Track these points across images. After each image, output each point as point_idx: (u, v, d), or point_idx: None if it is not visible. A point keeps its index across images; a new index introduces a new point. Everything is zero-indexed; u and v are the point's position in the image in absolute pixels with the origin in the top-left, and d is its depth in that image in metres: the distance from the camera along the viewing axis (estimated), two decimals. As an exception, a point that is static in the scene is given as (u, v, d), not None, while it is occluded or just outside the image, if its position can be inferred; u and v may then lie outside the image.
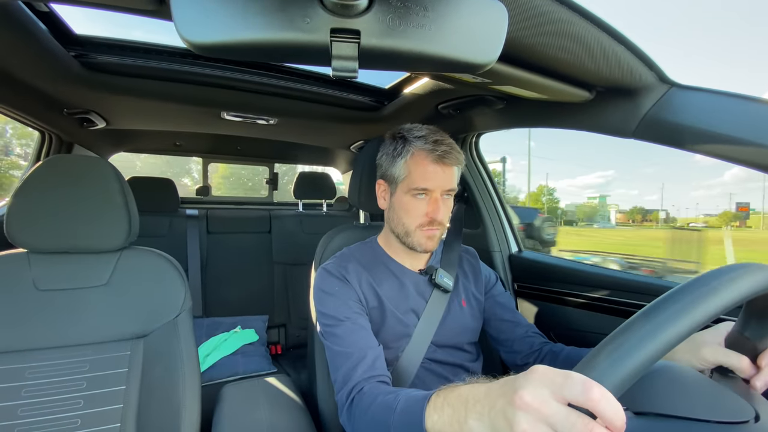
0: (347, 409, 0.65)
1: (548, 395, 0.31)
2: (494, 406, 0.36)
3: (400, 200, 0.78)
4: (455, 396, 0.44)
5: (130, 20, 0.56)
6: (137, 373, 0.75)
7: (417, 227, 0.77)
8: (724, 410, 0.37)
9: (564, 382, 0.31)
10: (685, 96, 0.67)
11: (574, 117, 0.83)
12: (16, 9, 0.67)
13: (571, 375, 0.31)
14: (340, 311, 0.74)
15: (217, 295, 1.76)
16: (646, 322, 0.33)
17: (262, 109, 1.25)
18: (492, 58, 0.38)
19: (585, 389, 0.29)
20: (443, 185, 0.76)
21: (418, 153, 0.75)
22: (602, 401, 0.29)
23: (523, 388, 0.32)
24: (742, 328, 0.47)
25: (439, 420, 0.45)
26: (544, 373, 0.33)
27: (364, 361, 0.68)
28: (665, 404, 0.37)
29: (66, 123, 1.25)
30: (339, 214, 2.16)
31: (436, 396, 0.48)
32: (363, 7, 0.34)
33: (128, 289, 0.79)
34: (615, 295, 0.97)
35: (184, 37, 0.32)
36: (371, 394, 0.62)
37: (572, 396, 0.30)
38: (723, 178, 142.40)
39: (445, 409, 0.44)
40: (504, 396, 0.35)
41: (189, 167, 15.05)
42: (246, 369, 1.47)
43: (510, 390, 0.34)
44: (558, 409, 0.30)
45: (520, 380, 0.34)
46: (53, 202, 0.73)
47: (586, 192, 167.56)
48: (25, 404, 0.68)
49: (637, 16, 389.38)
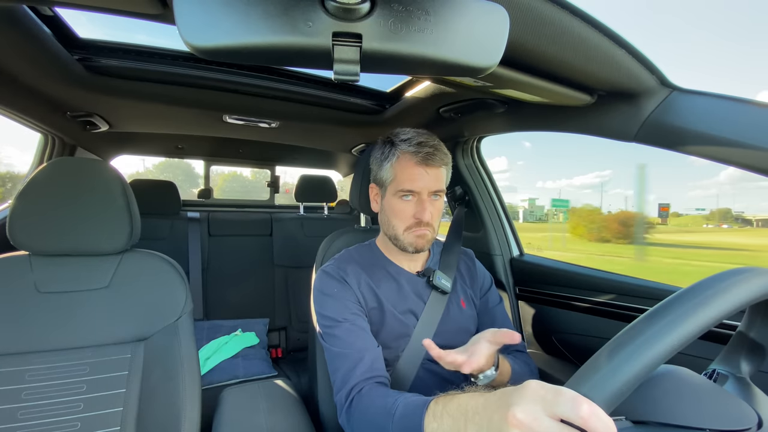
0: (346, 410, 0.66)
1: (540, 412, 0.32)
2: (491, 419, 0.37)
3: (389, 203, 0.80)
4: (455, 406, 0.44)
5: (134, 24, 0.56)
6: (137, 376, 0.75)
7: (405, 229, 0.78)
8: (726, 417, 0.37)
9: (555, 399, 0.31)
10: (686, 100, 0.67)
11: (576, 121, 0.83)
12: (21, 13, 0.68)
13: (562, 391, 0.31)
14: (339, 312, 0.75)
15: (218, 297, 1.75)
16: (635, 335, 0.33)
17: (264, 112, 1.25)
18: (493, 61, 0.39)
19: (575, 406, 0.30)
20: (429, 186, 0.76)
21: (403, 156, 0.76)
22: (592, 418, 0.29)
23: (516, 405, 0.33)
24: (747, 329, 0.46)
25: (438, 428, 0.45)
26: (536, 390, 0.33)
27: (363, 362, 0.68)
28: (665, 412, 0.37)
29: (69, 126, 1.26)
30: (340, 217, 2.17)
31: (434, 403, 0.49)
32: (365, 11, 0.34)
33: (129, 292, 0.79)
34: (616, 299, 0.97)
35: (187, 40, 0.33)
36: (369, 395, 0.63)
37: (563, 412, 0.30)
38: (719, 178, 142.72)
39: (445, 418, 0.45)
40: (499, 411, 0.36)
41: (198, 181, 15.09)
42: (246, 372, 1.47)
43: (504, 406, 0.35)
44: (550, 425, 0.31)
45: (514, 396, 0.34)
46: (55, 205, 0.73)
47: (584, 191, 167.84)
48: (25, 407, 0.68)
49: (638, 19, 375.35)
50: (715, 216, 53.94)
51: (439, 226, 0.82)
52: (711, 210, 53.93)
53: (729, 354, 0.49)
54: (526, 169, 64.18)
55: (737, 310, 0.36)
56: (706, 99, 0.65)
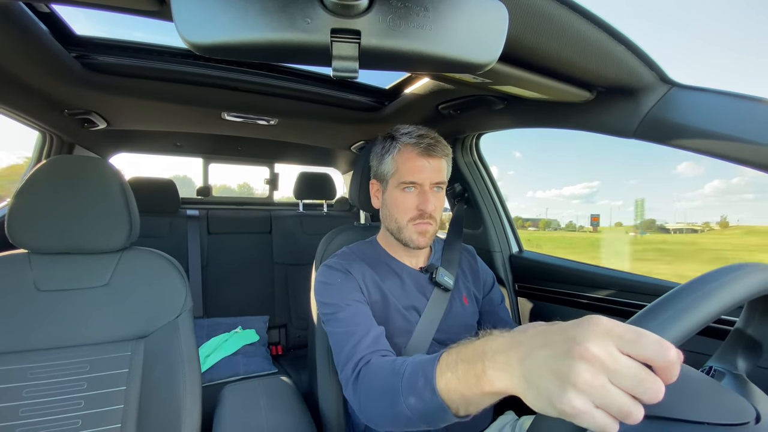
0: (353, 382, 0.63)
1: (615, 349, 0.29)
2: (530, 356, 0.33)
3: (391, 196, 0.80)
4: (469, 351, 0.42)
5: (131, 21, 0.56)
6: (138, 373, 0.75)
7: (409, 221, 0.78)
8: (723, 411, 0.37)
9: (637, 339, 0.29)
10: (686, 96, 0.67)
11: (575, 117, 0.83)
12: (17, 10, 0.67)
13: (643, 332, 0.29)
14: (342, 299, 0.74)
15: (218, 295, 1.75)
16: (691, 291, 0.34)
17: (262, 110, 1.25)
18: (492, 58, 0.38)
19: (661, 349, 0.28)
20: (431, 177, 0.77)
21: (404, 148, 0.77)
22: (677, 363, 0.28)
23: (589, 341, 0.30)
24: (745, 326, 0.46)
25: (453, 377, 0.43)
26: (608, 326, 0.30)
27: (368, 337, 0.67)
28: (663, 406, 0.37)
29: (67, 123, 1.25)
30: (339, 214, 2.16)
31: (447, 354, 0.46)
32: (363, 8, 0.33)
33: (129, 290, 0.79)
34: (615, 295, 0.97)
35: (184, 37, 0.32)
36: (377, 364, 0.60)
37: (647, 354, 0.28)
38: (703, 190, 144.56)
39: (459, 365, 0.42)
40: (551, 346, 0.32)
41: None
42: (246, 369, 1.47)
43: (562, 340, 0.32)
44: (629, 364, 0.29)
45: (581, 331, 0.31)
46: (54, 203, 0.73)
47: (573, 201, 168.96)
48: (26, 405, 0.68)
49: (637, 15, 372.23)
50: (642, 226, 57.65)
51: (440, 220, 0.82)
52: (641, 221, 58.83)
53: (726, 351, 0.49)
54: (516, 178, 64.55)
55: (738, 305, 0.36)
56: (706, 95, 0.65)
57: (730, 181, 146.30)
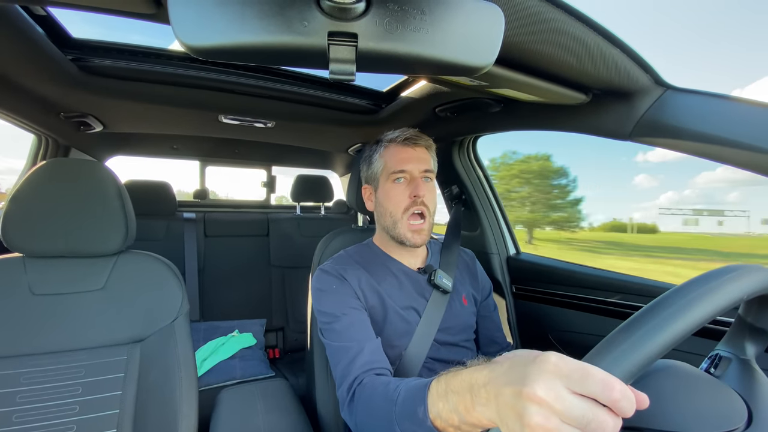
0: (348, 403, 0.65)
1: (562, 388, 0.29)
2: (500, 393, 0.34)
3: (383, 191, 0.83)
4: (458, 382, 0.42)
5: (128, 24, 0.56)
6: (134, 378, 0.74)
7: (403, 212, 0.79)
8: (712, 418, 0.36)
9: (583, 378, 0.29)
10: (680, 98, 0.68)
11: (571, 119, 0.83)
12: (13, 12, 0.67)
13: (590, 371, 0.29)
14: (337, 307, 0.75)
15: (215, 298, 1.74)
16: (651, 317, 0.33)
17: (259, 112, 1.25)
18: (489, 60, 0.39)
19: (606, 387, 0.28)
20: (419, 165, 0.81)
21: (389, 144, 0.83)
22: (623, 400, 0.28)
23: (536, 382, 0.30)
24: (745, 313, 0.46)
25: (444, 407, 0.44)
26: (557, 365, 0.31)
27: (362, 354, 0.68)
28: (648, 415, 0.35)
29: (63, 126, 1.24)
30: (337, 217, 2.16)
31: (436, 382, 0.47)
32: (360, 11, 0.34)
33: (125, 294, 0.78)
34: (612, 297, 0.98)
35: (181, 40, 0.32)
36: (371, 386, 0.62)
37: (592, 392, 0.29)
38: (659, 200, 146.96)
39: (450, 396, 0.43)
40: (511, 385, 0.33)
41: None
42: (244, 373, 1.46)
43: (518, 379, 0.32)
44: (576, 404, 0.29)
45: (531, 370, 0.31)
46: (49, 206, 0.73)
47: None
48: (20, 410, 0.67)
49: (632, 17, 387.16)
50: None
51: (434, 214, 0.84)
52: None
53: (734, 335, 0.47)
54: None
55: (733, 306, 0.36)
56: (700, 98, 0.66)
57: (682, 192, 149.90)
